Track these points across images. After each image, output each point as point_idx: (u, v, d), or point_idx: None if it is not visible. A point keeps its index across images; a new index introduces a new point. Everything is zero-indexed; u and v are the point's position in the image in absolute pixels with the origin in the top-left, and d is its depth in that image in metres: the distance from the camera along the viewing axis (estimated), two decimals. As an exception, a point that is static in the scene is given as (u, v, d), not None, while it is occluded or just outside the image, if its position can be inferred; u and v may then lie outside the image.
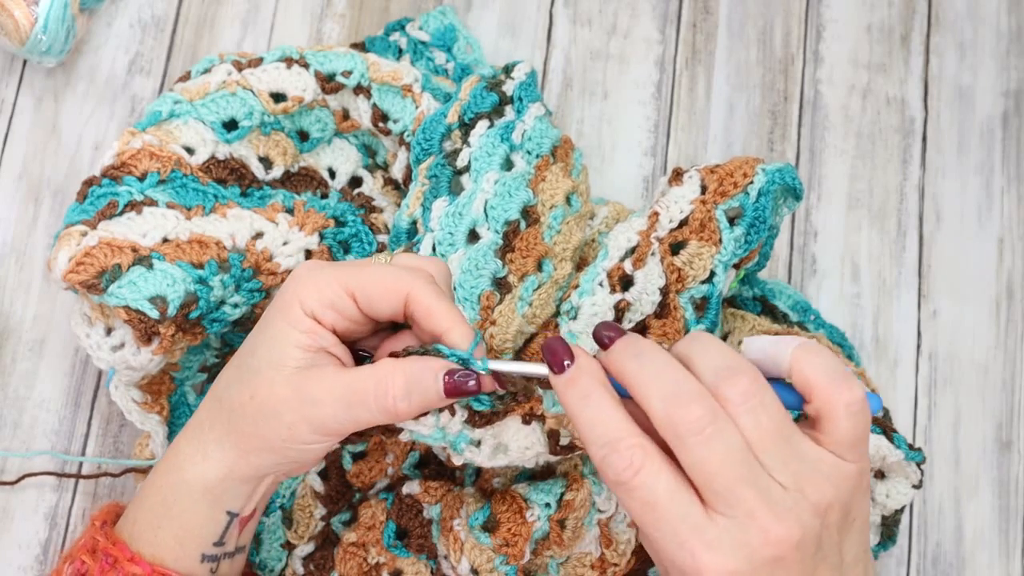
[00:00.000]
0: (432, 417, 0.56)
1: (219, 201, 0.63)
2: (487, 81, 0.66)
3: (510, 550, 0.60)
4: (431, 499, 0.62)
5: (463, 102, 0.65)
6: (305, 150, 0.68)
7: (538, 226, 0.62)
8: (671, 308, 0.61)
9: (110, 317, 0.61)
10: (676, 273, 0.61)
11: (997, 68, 0.79)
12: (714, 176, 0.62)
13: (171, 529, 0.53)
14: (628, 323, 0.61)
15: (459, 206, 0.61)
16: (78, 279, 0.59)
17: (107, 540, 0.53)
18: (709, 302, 0.61)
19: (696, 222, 0.61)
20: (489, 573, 0.60)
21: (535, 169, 0.63)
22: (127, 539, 0.53)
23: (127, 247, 0.59)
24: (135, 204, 0.61)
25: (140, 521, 0.53)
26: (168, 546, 0.52)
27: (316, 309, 0.50)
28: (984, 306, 0.75)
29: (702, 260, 0.61)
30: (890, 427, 0.63)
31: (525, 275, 0.60)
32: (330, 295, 0.50)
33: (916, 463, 0.63)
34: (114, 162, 0.63)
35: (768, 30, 0.79)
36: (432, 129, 0.65)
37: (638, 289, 0.61)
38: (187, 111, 0.65)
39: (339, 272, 0.51)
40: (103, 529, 0.54)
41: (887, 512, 0.64)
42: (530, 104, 0.65)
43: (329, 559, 0.63)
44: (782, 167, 0.62)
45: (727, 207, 0.61)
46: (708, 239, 0.61)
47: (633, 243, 0.62)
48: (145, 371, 0.61)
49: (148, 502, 0.53)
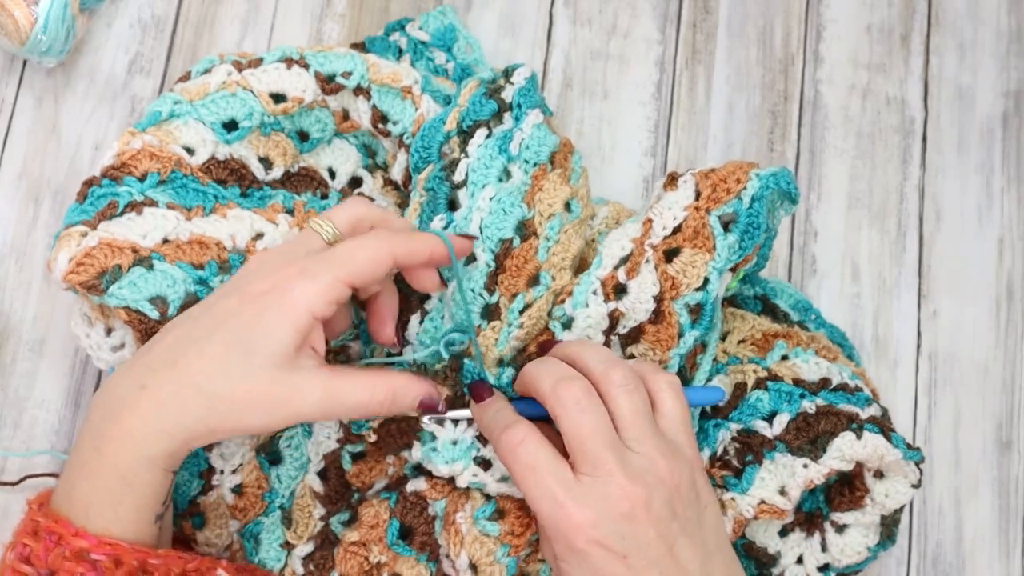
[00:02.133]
0: (448, 427, 0.60)
1: (219, 202, 0.63)
2: (486, 87, 0.66)
3: (515, 539, 0.60)
4: (437, 495, 0.62)
5: (462, 109, 0.65)
6: (305, 150, 0.68)
7: (533, 240, 0.62)
8: (665, 314, 0.61)
9: (110, 317, 0.61)
10: (670, 281, 0.61)
11: (997, 68, 0.79)
12: (708, 181, 0.62)
13: (132, 502, 0.54)
14: (622, 330, 0.61)
15: (456, 228, 0.61)
16: (78, 280, 0.59)
17: (48, 519, 0.53)
18: (704, 308, 0.61)
19: (690, 229, 0.61)
20: (488, 567, 0.60)
21: (532, 179, 0.63)
22: (79, 521, 0.53)
23: (127, 248, 0.59)
24: (135, 205, 0.61)
25: (95, 502, 0.54)
26: (129, 519, 0.54)
27: (324, 312, 0.54)
28: (984, 306, 0.75)
29: (696, 268, 0.61)
30: (888, 426, 0.63)
31: (515, 295, 0.60)
32: (335, 295, 0.54)
33: (915, 462, 0.63)
34: (114, 162, 0.63)
35: (768, 30, 0.79)
36: (430, 136, 0.65)
37: (632, 298, 0.61)
38: (187, 111, 0.65)
39: (338, 271, 0.54)
40: (41, 510, 0.54)
41: (886, 512, 0.64)
42: (529, 111, 0.65)
43: (329, 559, 0.63)
44: (776, 172, 0.62)
45: (721, 213, 0.61)
46: (702, 246, 0.61)
47: (627, 251, 0.62)
48: (145, 371, 0.61)
49: (103, 482, 0.53)
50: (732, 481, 0.63)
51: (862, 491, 0.64)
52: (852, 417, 0.62)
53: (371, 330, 0.61)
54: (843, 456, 0.61)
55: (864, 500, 0.64)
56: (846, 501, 0.64)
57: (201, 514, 0.64)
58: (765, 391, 0.63)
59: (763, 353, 0.66)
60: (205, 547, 0.64)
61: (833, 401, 0.63)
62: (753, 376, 0.64)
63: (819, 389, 0.64)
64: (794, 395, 0.63)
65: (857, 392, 0.64)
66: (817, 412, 0.62)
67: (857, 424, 0.61)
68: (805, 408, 0.62)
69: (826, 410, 0.62)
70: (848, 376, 0.65)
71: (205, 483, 0.64)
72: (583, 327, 0.61)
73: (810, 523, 0.66)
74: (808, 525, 0.65)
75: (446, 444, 0.60)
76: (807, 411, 0.62)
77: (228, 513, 0.64)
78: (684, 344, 0.61)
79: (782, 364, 0.65)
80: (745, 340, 0.67)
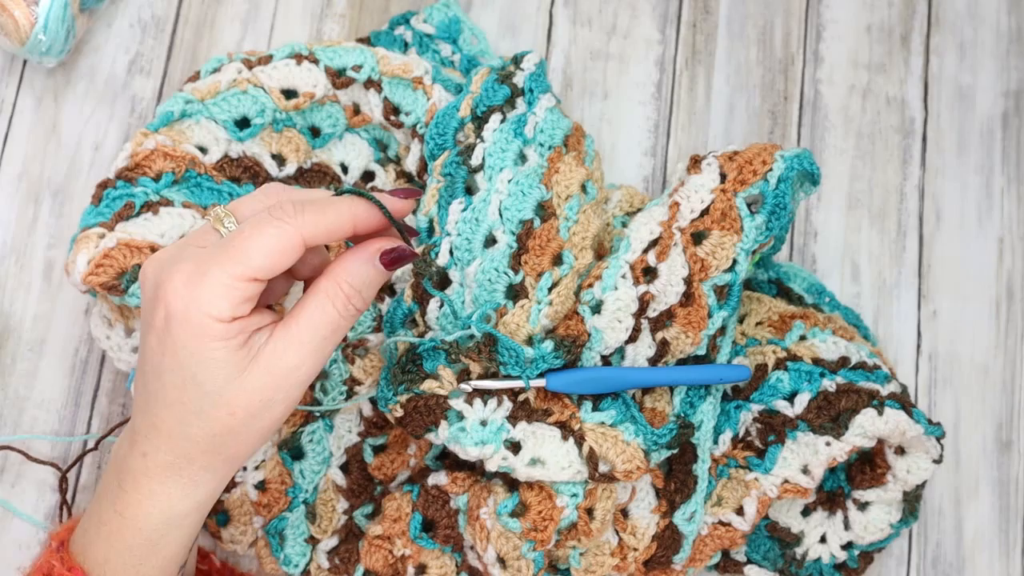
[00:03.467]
0: (478, 405, 0.60)
1: (234, 199, 0.63)
2: (497, 73, 0.67)
3: (538, 535, 0.60)
4: (458, 489, 0.62)
5: (475, 95, 0.66)
6: (317, 146, 0.68)
7: (554, 220, 0.62)
8: (695, 296, 0.61)
9: (130, 318, 0.61)
10: (699, 263, 0.61)
11: (997, 68, 0.79)
12: (733, 164, 0.63)
13: (157, 563, 0.52)
14: (652, 313, 0.62)
15: (475, 211, 0.62)
16: (98, 281, 0.59)
17: (63, 566, 0.52)
18: (731, 289, 0.62)
19: (717, 211, 0.62)
20: (516, 561, 0.60)
21: (548, 162, 0.64)
22: (95, 573, 0.51)
23: (146, 247, 0.59)
24: (151, 205, 0.62)
25: (114, 561, 0.51)
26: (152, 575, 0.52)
27: (239, 312, 0.48)
28: (984, 306, 0.75)
29: (724, 250, 0.61)
30: (909, 402, 0.64)
31: (541, 273, 0.61)
32: (239, 296, 0.48)
33: (936, 437, 0.63)
34: (128, 164, 0.63)
35: (768, 30, 0.79)
36: (445, 123, 0.65)
37: (663, 281, 0.61)
38: (199, 111, 0.65)
39: (233, 269, 0.47)
40: (59, 552, 0.53)
41: (908, 487, 0.65)
42: (541, 95, 0.66)
43: (354, 553, 0.64)
44: (800, 152, 0.63)
45: (747, 195, 0.62)
46: (729, 228, 0.62)
47: (655, 234, 0.62)
48: (166, 371, 0.61)
49: (125, 544, 0.51)
50: (755, 461, 0.64)
51: (884, 468, 0.64)
52: (873, 394, 0.63)
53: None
54: (865, 433, 0.62)
55: (886, 477, 0.64)
56: (868, 479, 0.65)
57: (225, 512, 0.65)
58: (785, 371, 0.64)
59: (781, 334, 0.67)
60: (230, 544, 0.64)
61: (853, 379, 0.63)
62: (773, 357, 0.65)
63: (839, 368, 0.65)
64: (814, 374, 0.64)
65: (876, 370, 0.65)
66: (838, 390, 0.63)
67: (878, 401, 0.62)
68: (825, 387, 0.63)
69: (847, 388, 0.63)
70: (866, 355, 0.66)
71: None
72: (612, 310, 0.61)
73: (832, 502, 0.66)
74: (830, 504, 0.66)
75: (475, 425, 0.60)
76: (827, 390, 0.63)
77: (252, 510, 0.64)
78: (713, 325, 0.62)
79: (801, 344, 0.66)
80: (763, 322, 0.68)
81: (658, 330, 0.62)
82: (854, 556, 0.66)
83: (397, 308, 0.63)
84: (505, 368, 0.60)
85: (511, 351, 0.60)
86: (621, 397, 0.62)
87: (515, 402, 0.61)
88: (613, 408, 0.62)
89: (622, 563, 0.63)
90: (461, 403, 0.60)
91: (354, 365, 0.65)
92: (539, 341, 0.61)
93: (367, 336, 0.66)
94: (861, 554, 0.67)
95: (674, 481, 0.64)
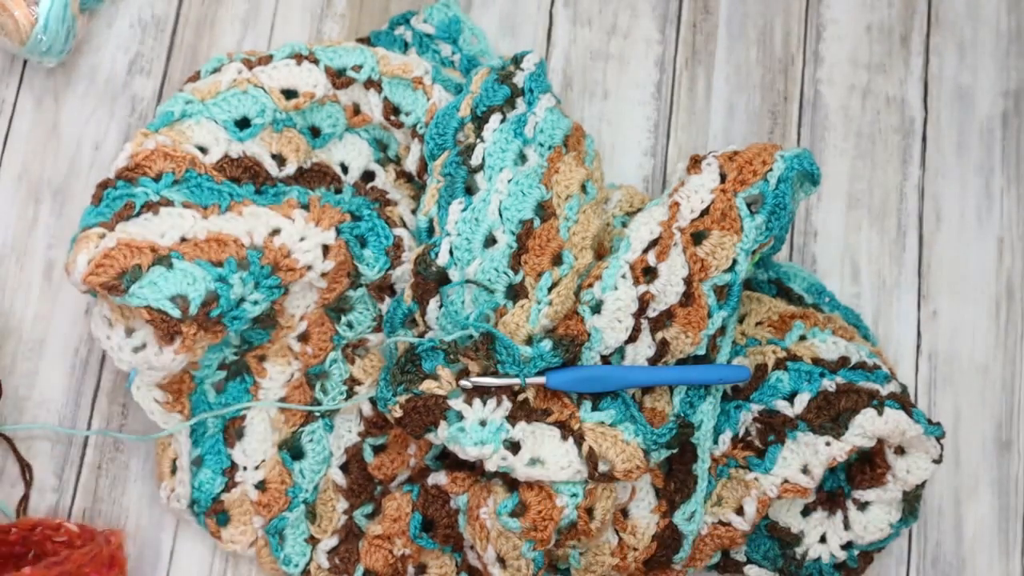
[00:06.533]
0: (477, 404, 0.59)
1: (234, 199, 0.63)
2: (497, 73, 0.67)
3: (538, 535, 0.60)
4: (458, 489, 0.62)
5: (475, 95, 0.66)
6: (317, 146, 0.68)
7: (554, 220, 0.62)
8: (695, 296, 0.61)
9: (130, 318, 0.61)
10: (699, 263, 0.61)
11: (997, 68, 0.79)
12: (733, 164, 0.63)
13: None
14: (652, 313, 0.62)
15: (475, 211, 0.62)
16: (99, 281, 0.59)
17: None
18: (731, 289, 0.62)
19: (717, 211, 0.62)
20: (516, 561, 0.60)
21: (548, 162, 0.64)
22: None
23: (146, 247, 0.59)
24: (151, 205, 0.62)
25: None
26: None
27: None
28: (984, 306, 0.75)
29: (724, 250, 0.61)
30: (909, 402, 0.64)
31: (541, 273, 0.61)
32: None
33: (936, 437, 0.64)
34: (128, 164, 0.63)
35: (768, 30, 0.79)
36: (445, 123, 0.65)
37: (663, 281, 0.61)
38: (199, 111, 0.65)
39: None
40: None
41: (908, 487, 0.65)
42: (541, 95, 0.66)
43: (354, 552, 0.64)
44: (800, 152, 0.63)
45: (747, 195, 0.62)
46: (729, 228, 0.62)
47: (655, 234, 0.62)
48: (167, 370, 0.61)
49: None
50: (755, 461, 0.64)
51: (883, 468, 0.64)
52: (872, 394, 0.63)
53: None
54: (865, 433, 0.62)
55: (886, 477, 0.64)
56: (867, 479, 0.65)
57: (225, 512, 0.65)
58: (785, 371, 0.64)
59: (781, 334, 0.67)
60: (230, 544, 0.64)
61: (853, 379, 0.64)
62: (773, 357, 0.65)
63: (838, 368, 0.65)
64: (814, 374, 0.64)
65: (876, 370, 0.65)
66: (837, 390, 0.63)
67: (878, 401, 0.62)
68: (825, 387, 0.63)
69: (846, 388, 0.63)
70: (866, 355, 0.66)
71: (228, 480, 0.64)
72: (612, 310, 0.61)
73: (832, 502, 0.66)
74: (830, 504, 0.66)
75: (474, 425, 0.60)
76: (827, 389, 0.63)
77: (252, 510, 0.64)
78: (713, 325, 0.62)
79: (800, 344, 0.66)
80: (762, 322, 0.68)
81: (658, 330, 0.62)
82: (854, 556, 0.66)
83: (397, 308, 0.63)
84: (503, 367, 0.60)
85: (508, 349, 0.60)
86: (621, 397, 0.62)
87: (514, 402, 0.61)
88: (613, 408, 0.62)
89: (622, 563, 0.63)
90: (460, 403, 0.60)
91: (354, 365, 0.66)
92: (538, 340, 0.61)
93: (367, 336, 0.66)
94: (861, 554, 0.67)
95: (674, 481, 0.64)
